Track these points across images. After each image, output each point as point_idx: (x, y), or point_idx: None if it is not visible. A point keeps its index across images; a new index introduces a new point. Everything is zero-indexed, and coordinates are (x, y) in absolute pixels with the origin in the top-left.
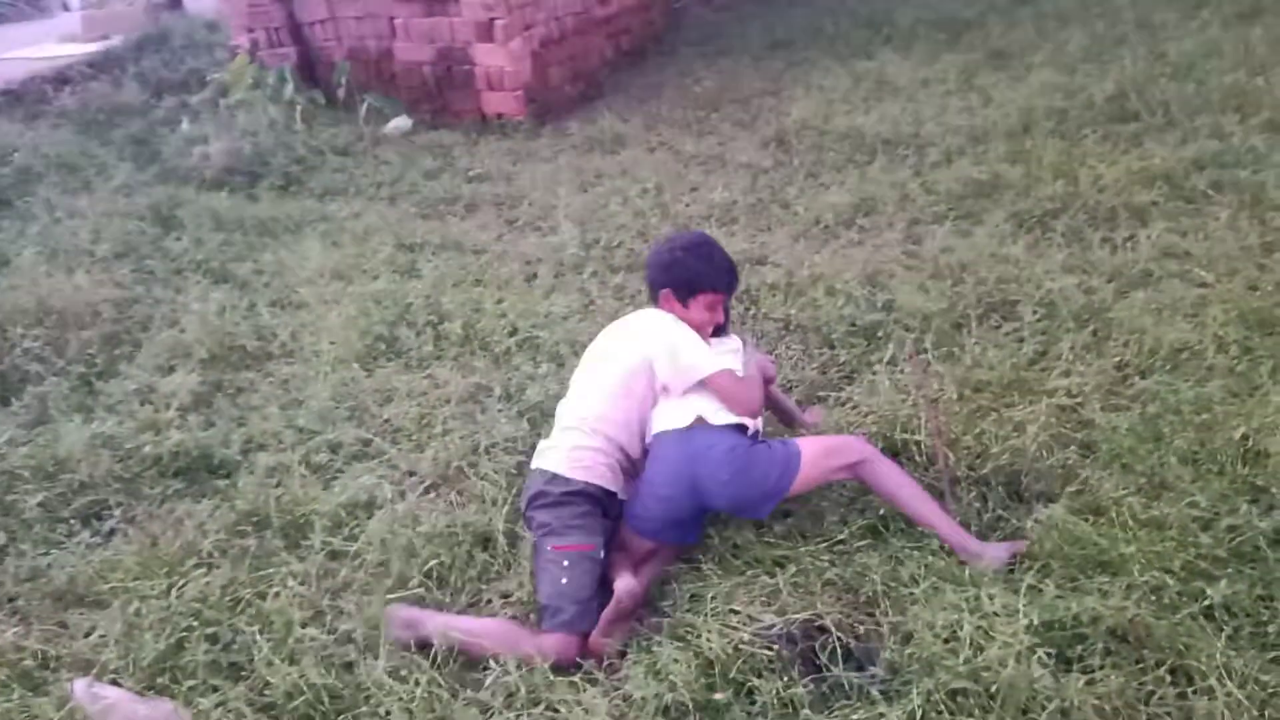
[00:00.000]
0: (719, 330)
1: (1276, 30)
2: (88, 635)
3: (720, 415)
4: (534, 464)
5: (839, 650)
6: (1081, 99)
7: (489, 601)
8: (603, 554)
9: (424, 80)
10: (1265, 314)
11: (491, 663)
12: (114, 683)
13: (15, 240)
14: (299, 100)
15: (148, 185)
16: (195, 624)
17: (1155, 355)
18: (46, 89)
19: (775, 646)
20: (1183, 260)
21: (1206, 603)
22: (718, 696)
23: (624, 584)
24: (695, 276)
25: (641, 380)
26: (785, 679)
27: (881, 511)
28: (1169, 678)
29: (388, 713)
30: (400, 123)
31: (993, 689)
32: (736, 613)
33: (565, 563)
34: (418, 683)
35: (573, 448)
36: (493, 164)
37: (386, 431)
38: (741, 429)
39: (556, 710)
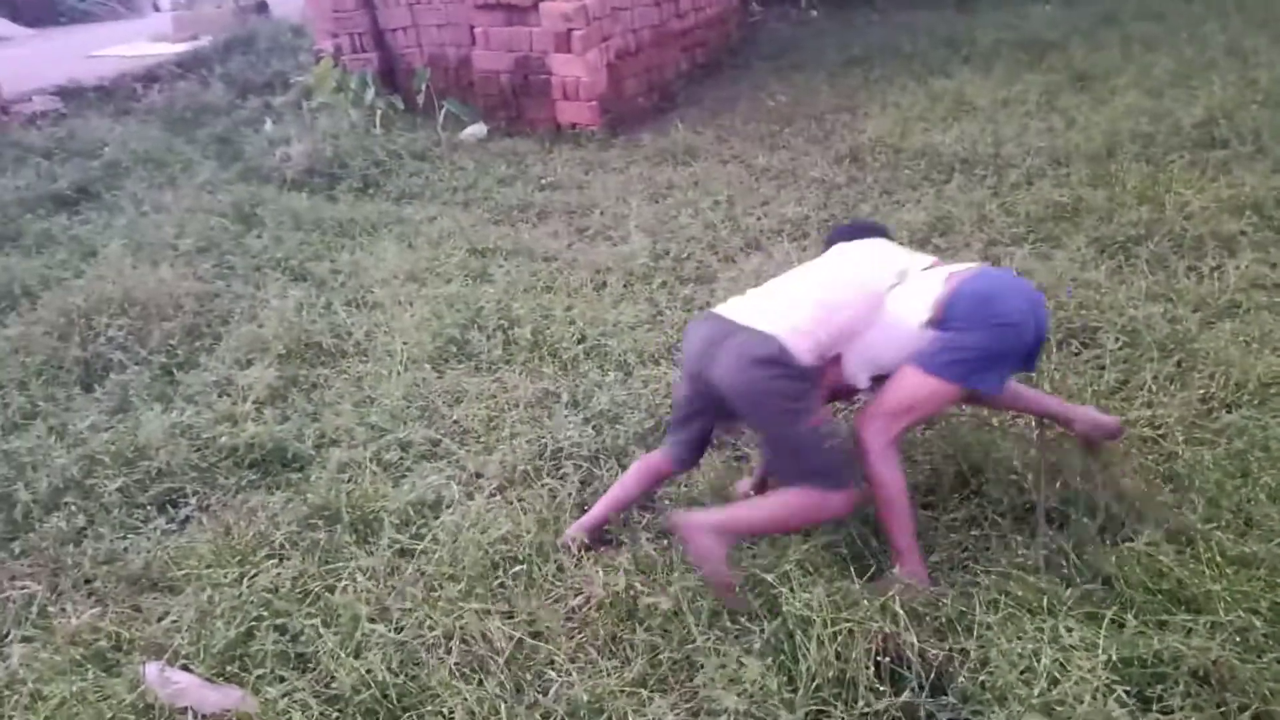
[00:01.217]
0: None
1: None
2: (161, 620)
3: None
4: (749, 321)
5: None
6: (1168, 124)
7: (559, 602)
8: None
9: (501, 88)
10: None
11: (553, 674)
12: (185, 668)
13: (103, 232)
14: (379, 105)
15: (230, 183)
16: (265, 614)
17: (1243, 389)
18: (136, 86)
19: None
20: (1272, 292)
21: None
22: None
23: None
24: None
25: (873, 294)
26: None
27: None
28: None
29: (451, 712)
30: (476, 129)
31: None
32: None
33: (823, 434)
34: (482, 683)
35: (796, 328)
36: (565, 173)
37: (455, 432)
38: None
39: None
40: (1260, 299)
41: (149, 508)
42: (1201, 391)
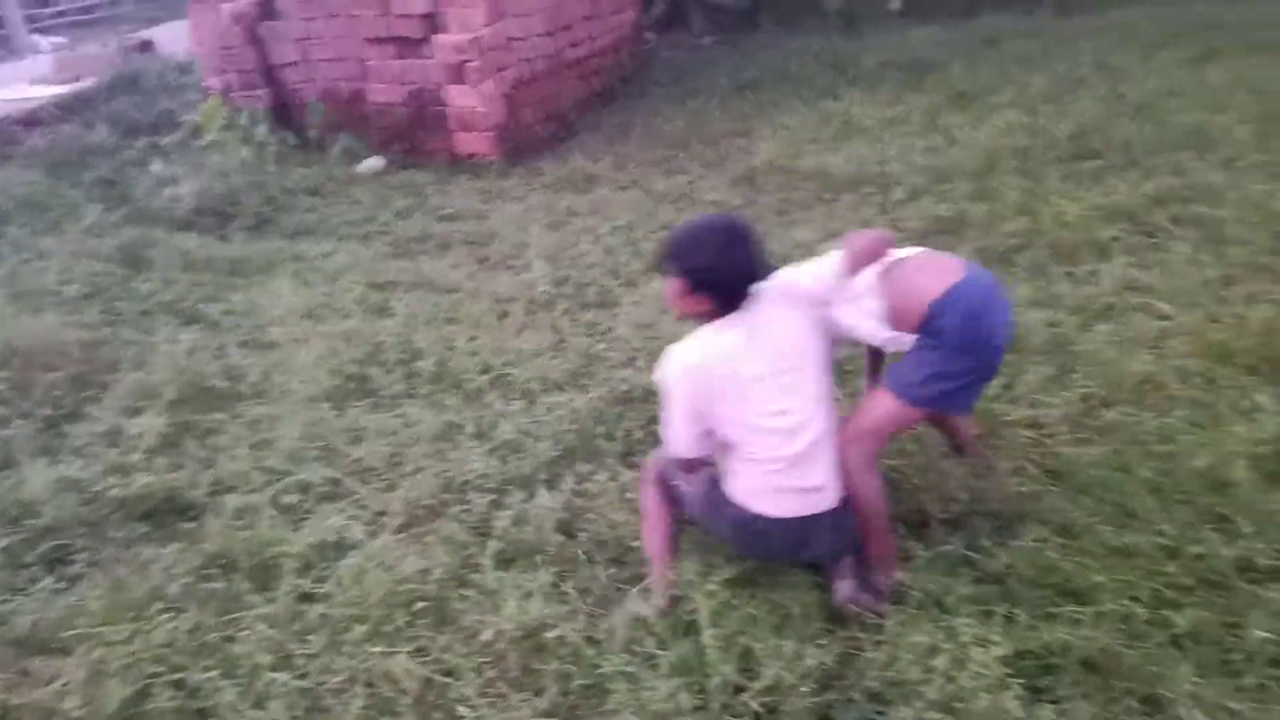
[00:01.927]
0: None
1: (1232, 71)
2: (50, 683)
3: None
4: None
5: None
6: (1044, 138)
7: (472, 637)
8: None
9: (396, 121)
10: (1225, 345)
11: (465, 710)
12: None
13: None
14: (271, 141)
15: (117, 226)
16: (161, 669)
17: (1119, 387)
18: (16, 130)
19: None
20: (1144, 294)
21: (1174, 631)
22: None
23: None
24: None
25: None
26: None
27: None
28: (1138, 706)
29: None
30: (373, 163)
31: None
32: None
33: None
34: None
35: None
36: (465, 203)
37: (357, 471)
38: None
39: None
40: (1133, 301)
41: (36, 567)
42: (1082, 391)
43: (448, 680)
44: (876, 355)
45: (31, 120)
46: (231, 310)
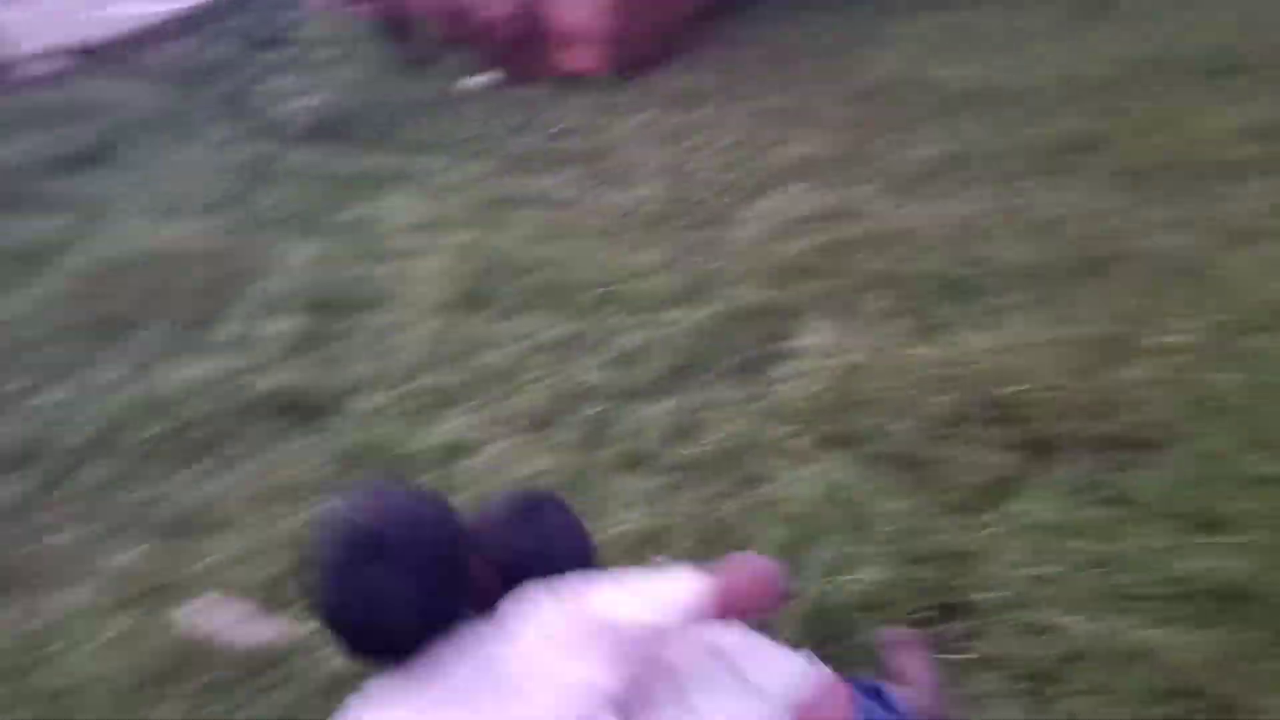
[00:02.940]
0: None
1: None
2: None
3: None
4: None
5: None
6: (1183, 51)
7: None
8: None
9: (505, 36)
10: None
11: None
12: None
13: (114, 193)
14: (380, 57)
15: (240, 140)
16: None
17: (1262, 312)
18: (141, 45)
19: None
20: None
21: None
22: None
23: None
24: None
25: None
26: None
27: None
28: (1270, 636)
29: None
30: (482, 79)
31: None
32: None
33: None
34: None
35: None
36: (576, 120)
37: (477, 378)
38: None
39: None
40: (1276, 224)
41: (175, 458)
42: (1221, 317)
43: None
44: None
45: (155, 35)
46: (353, 222)
